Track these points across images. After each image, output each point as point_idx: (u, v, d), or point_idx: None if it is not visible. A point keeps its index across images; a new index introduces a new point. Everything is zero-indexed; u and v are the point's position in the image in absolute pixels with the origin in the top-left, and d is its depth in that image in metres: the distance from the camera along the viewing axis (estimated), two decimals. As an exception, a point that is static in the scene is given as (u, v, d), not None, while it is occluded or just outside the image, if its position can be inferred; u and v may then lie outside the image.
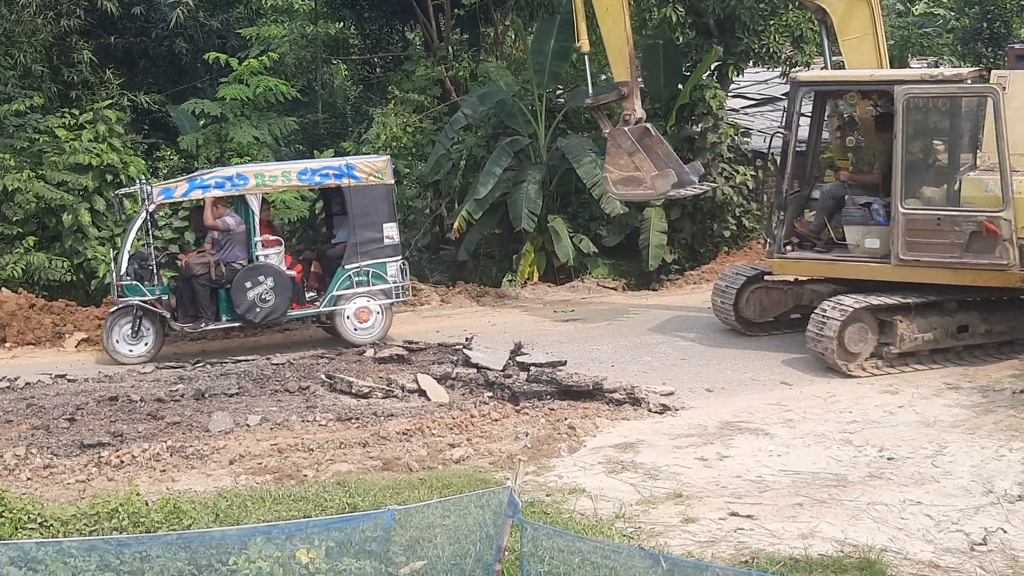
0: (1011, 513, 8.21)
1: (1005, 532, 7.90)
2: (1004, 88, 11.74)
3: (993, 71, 13.30)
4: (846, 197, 12.41)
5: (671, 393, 11.38)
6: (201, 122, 18.97)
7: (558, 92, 20.33)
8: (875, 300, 11.92)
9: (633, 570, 5.96)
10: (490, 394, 11.48)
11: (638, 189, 13.36)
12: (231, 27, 22.19)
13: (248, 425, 10.59)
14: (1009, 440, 9.75)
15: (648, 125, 13.74)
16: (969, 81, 12.02)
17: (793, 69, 20.70)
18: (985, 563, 7.45)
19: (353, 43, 25.00)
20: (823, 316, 11.94)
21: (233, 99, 18.11)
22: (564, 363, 12.16)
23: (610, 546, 6.69)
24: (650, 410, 10.95)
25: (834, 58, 14.06)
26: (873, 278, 12.28)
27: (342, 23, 23.70)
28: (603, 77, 21.40)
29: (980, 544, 7.71)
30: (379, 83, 23.73)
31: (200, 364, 12.81)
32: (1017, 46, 16.82)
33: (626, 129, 13.46)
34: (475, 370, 12.08)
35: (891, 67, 19.39)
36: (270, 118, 19.10)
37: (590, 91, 14.02)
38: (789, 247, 12.76)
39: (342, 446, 9.97)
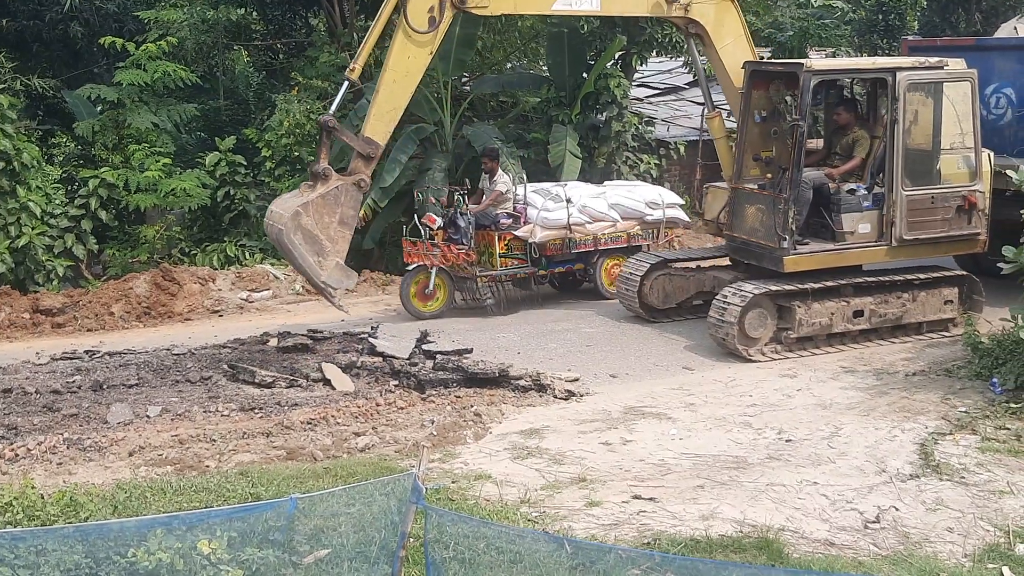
0: (903, 492, 8.47)
1: (897, 510, 8.14)
2: None
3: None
4: (829, 185, 12.57)
5: (576, 379, 11.49)
6: (98, 108, 18.55)
7: (463, 80, 20.29)
8: (774, 286, 12.17)
9: (537, 554, 6.00)
10: (396, 382, 11.45)
11: (309, 255, 11.34)
12: (128, 10, 21.68)
13: (148, 416, 10.41)
14: (902, 421, 10.04)
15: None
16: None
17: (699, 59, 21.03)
18: (878, 540, 7.67)
19: (255, 29, 24.63)
20: (724, 302, 12.16)
21: (131, 84, 17.72)
22: (470, 351, 12.19)
23: (515, 531, 6.73)
24: (555, 396, 11.04)
25: (701, 59, 14.35)
26: (874, 261, 12.74)
27: (244, 8, 23.33)
28: (509, 65, 21.49)
29: (873, 522, 7.94)
30: (282, 69, 23.41)
31: (98, 355, 12.54)
32: (910, 38, 17.29)
33: (361, 196, 12.06)
34: (381, 358, 12.04)
35: (790, 58, 19.81)
36: (169, 104, 18.77)
37: (333, 110, 12.06)
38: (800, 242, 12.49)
39: (245, 436, 9.86)
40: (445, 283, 14.37)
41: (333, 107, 12.12)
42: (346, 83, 12.13)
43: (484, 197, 14.94)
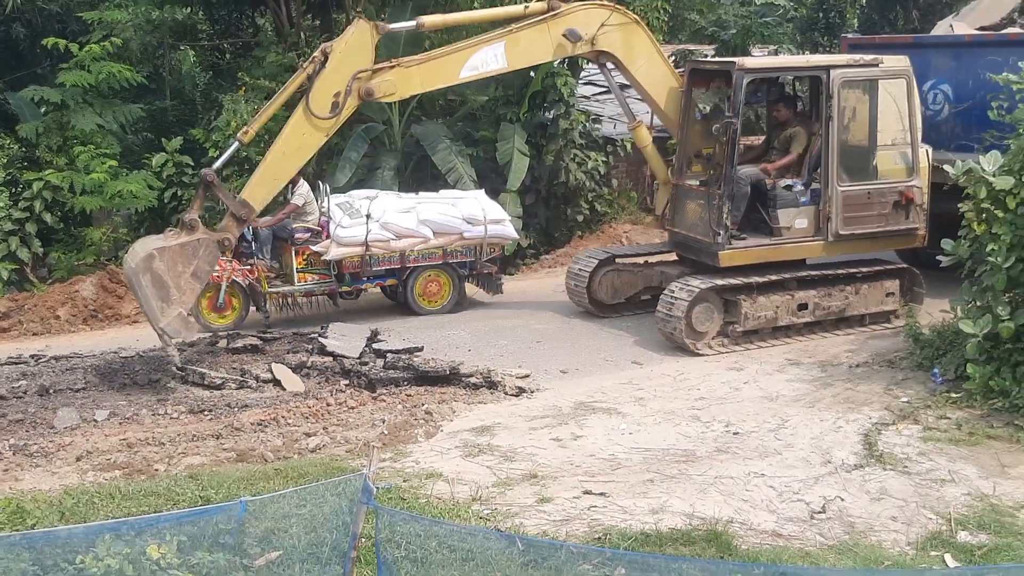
0: (848, 482, 8.61)
1: (843, 500, 8.28)
2: None
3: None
4: (767, 181, 12.69)
5: (527, 376, 11.56)
6: (42, 109, 18.29)
7: (411, 78, 20.25)
8: (720, 280, 12.31)
9: (489, 552, 6.05)
10: (346, 382, 11.45)
11: (153, 299, 11.06)
12: (72, 11, 21.38)
13: (96, 420, 10.34)
14: (846, 412, 10.20)
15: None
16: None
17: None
18: (824, 530, 7.80)
19: (201, 28, 24.41)
20: (671, 297, 12.29)
21: (75, 86, 17.50)
22: (421, 349, 12.21)
23: (466, 529, 6.78)
24: (506, 393, 11.09)
25: (624, 90, 14.38)
26: (811, 256, 12.87)
27: (189, 8, 23.13)
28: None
29: (819, 512, 8.07)
30: (229, 69, 23.21)
31: (44, 359, 12.41)
32: (850, 35, 17.51)
33: (219, 254, 11.79)
34: (331, 358, 12.01)
35: (733, 55, 20.02)
36: (115, 105, 18.53)
37: (216, 166, 11.88)
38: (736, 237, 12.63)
39: (195, 439, 9.81)
40: (239, 296, 13.72)
41: (217, 164, 11.95)
42: (235, 144, 11.94)
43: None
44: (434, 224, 14.19)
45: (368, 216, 13.84)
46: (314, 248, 13.97)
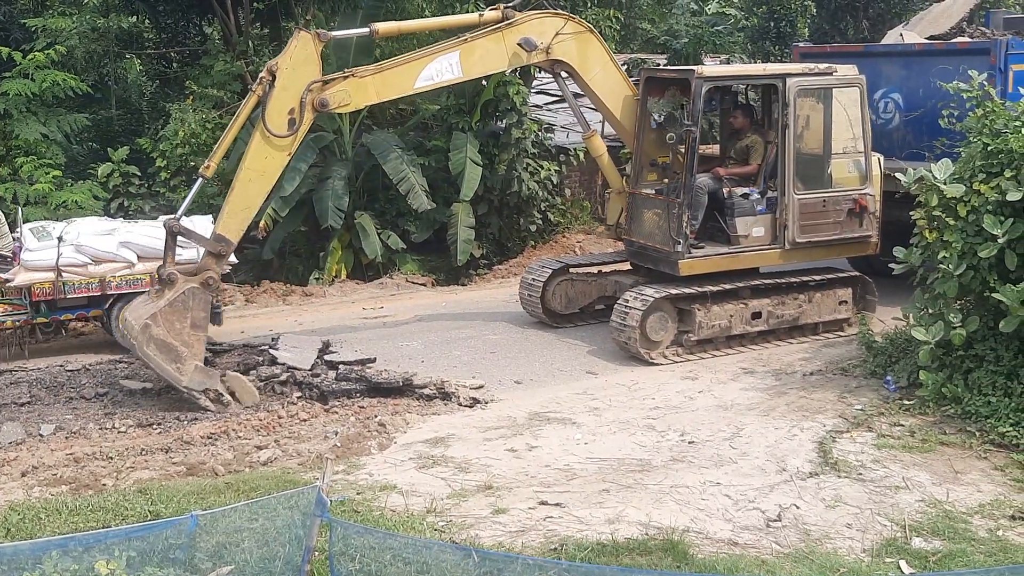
0: (803, 490, 8.63)
1: (798, 508, 8.29)
2: None
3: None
4: (724, 190, 12.71)
5: (481, 386, 11.49)
6: (-16, 118, 18.01)
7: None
8: (674, 290, 12.32)
9: (444, 564, 6.00)
10: (298, 394, 11.32)
11: (167, 363, 10.80)
12: (14, 19, 21.06)
13: (41, 435, 10.15)
14: (800, 420, 10.23)
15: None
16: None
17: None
18: (780, 538, 7.80)
19: (148, 36, 24.18)
20: (626, 306, 12.27)
21: (18, 94, 17.25)
22: (373, 360, 12.10)
23: (421, 542, 6.70)
24: (460, 404, 11.02)
25: (579, 100, 14.39)
26: (768, 264, 12.93)
27: (135, 16, 22.90)
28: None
29: (775, 520, 8.08)
30: (176, 78, 23.01)
31: (-13, 373, 12.16)
32: (801, 45, 17.68)
33: (209, 297, 11.33)
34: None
35: (685, 64, 20.13)
36: (59, 114, 18.30)
37: (180, 213, 11.43)
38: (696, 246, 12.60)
39: (143, 453, 9.65)
40: None
41: (181, 210, 11.53)
42: (200, 180, 11.59)
43: None
44: (137, 247, 12.99)
45: (60, 239, 12.76)
46: (3, 276, 12.82)
